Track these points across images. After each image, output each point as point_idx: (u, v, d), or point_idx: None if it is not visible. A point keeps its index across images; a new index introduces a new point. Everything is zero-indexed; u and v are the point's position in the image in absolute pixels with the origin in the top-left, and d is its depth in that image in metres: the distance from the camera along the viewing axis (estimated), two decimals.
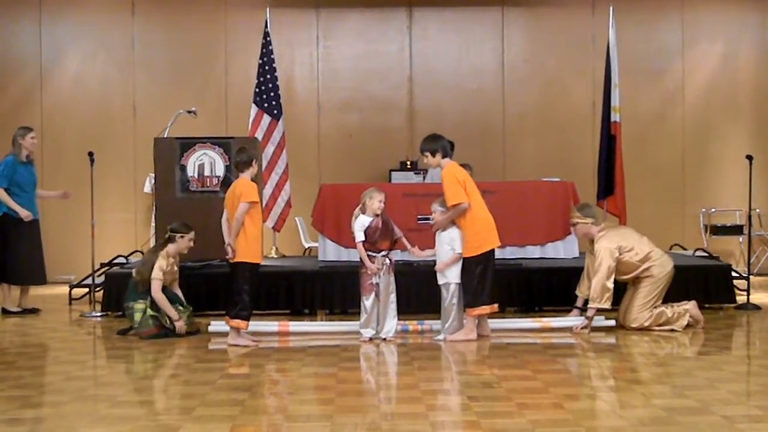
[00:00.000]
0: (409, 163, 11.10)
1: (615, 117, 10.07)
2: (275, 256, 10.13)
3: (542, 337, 6.86)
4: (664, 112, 11.81)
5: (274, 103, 10.14)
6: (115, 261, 9.60)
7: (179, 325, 6.90)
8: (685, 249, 10.60)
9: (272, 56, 10.24)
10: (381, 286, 6.65)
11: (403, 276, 7.13)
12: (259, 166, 7.94)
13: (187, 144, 8.53)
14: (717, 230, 11.49)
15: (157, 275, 6.93)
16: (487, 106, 11.77)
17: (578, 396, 4.93)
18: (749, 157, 8.72)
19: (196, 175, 8.46)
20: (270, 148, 10.03)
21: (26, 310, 8.38)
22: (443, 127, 10.19)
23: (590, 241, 7.26)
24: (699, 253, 9.79)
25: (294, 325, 7.23)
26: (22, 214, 8.24)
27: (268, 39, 10.29)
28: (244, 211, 6.38)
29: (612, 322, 7.15)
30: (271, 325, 7.17)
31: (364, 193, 6.71)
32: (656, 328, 7.00)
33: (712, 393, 4.82)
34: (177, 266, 7.22)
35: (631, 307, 7.08)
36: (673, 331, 6.97)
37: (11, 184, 8.31)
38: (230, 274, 6.61)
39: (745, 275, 8.89)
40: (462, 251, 6.64)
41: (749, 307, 8.23)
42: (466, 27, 11.86)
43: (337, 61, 11.78)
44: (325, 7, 11.77)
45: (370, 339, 6.64)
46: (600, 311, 7.00)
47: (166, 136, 9.20)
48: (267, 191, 9.92)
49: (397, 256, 6.87)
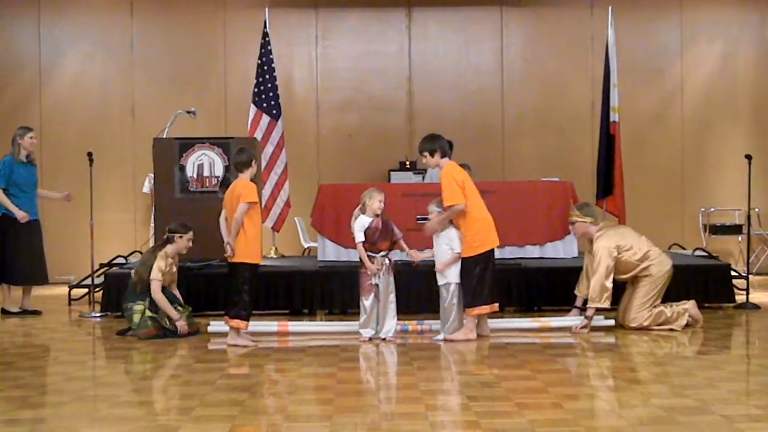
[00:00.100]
0: (408, 163, 11.10)
1: (614, 117, 10.06)
2: (274, 256, 10.13)
3: (542, 337, 6.87)
4: (663, 112, 11.81)
5: (273, 103, 10.13)
6: (115, 261, 9.60)
7: (180, 325, 6.90)
8: (684, 248, 10.60)
9: (271, 56, 10.23)
10: (380, 287, 6.64)
11: (403, 276, 7.13)
12: (259, 166, 7.93)
13: (186, 144, 8.53)
14: (716, 230, 11.48)
15: (156, 276, 6.93)
16: (486, 106, 11.78)
17: (578, 396, 4.93)
18: (748, 157, 8.73)
19: (196, 176, 8.47)
20: (269, 148, 10.03)
21: (27, 312, 8.37)
22: (442, 127, 10.18)
23: (589, 240, 7.26)
24: (698, 253, 9.79)
25: (293, 325, 7.23)
26: (18, 215, 8.23)
27: (267, 39, 10.29)
28: (243, 212, 6.38)
29: (611, 322, 7.15)
30: (271, 325, 7.17)
31: (364, 194, 6.70)
32: (655, 328, 7.00)
33: (712, 392, 4.82)
34: (176, 267, 7.23)
35: (630, 307, 7.09)
36: (672, 330, 6.98)
37: (10, 184, 8.31)
38: (230, 274, 6.61)
39: (745, 275, 8.90)
40: (461, 251, 6.65)
41: (748, 307, 8.23)
42: (465, 27, 11.86)
43: (336, 61, 11.78)
44: (324, 7, 11.77)
45: (370, 339, 6.64)
46: (599, 311, 7.00)
47: (165, 137, 9.21)
48: (266, 191, 9.92)
49: (397, 256, 6.87)
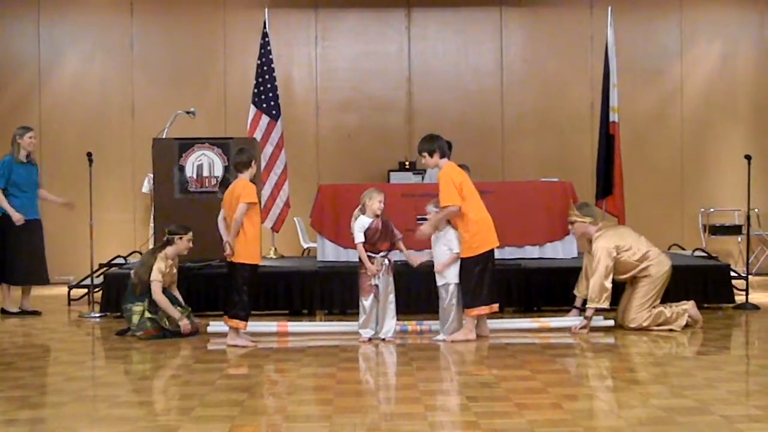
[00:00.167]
0: (407, 163, 11.10)
1: (613, 117, 10.06)
2: (274, 257, 10.13)
3: (541, 337, 6.87)
4: (662, 112, 11.81)
5: (272, 103, 10.12)
6: (114, 261, 9.61)
7: (184, 324, 6.90)
8: (683, 249, 10.60)
9: (271, 56, 10.22)
10: (380, 287, 6.64)
11: (402, 276, 7.13)
12: (258, 166, 7.93)
13: (186, 144, 8.53)
14: (716, 230, 11.48)
15: (156, 277, 6.93)
16: (485, 106, 11.77)
17: (577, 396, 4.93)
18: (748, 157, 8.73)
19: (195, 176, 8.47)
20: (269, 149, 10.02)
21: (27, 312, 8.36)
22: (442, 128, 10.18)
23: (588, 240, 7.26)
24: (698, 253, 9.80)
25: (293, 326, 7.23)
26: (14, 217, 8.22)
27: (267, 39, 10.28)
28: (242, 212, 6.38)
29: (611, 322, 7.15)
30: (270, 326, 7.17)
31: (364, 194, 6.70)
32: (655, 328, 7.00)
33: (711, 393, 4.82)
34: (176, 268, 7.23)
35: (629, 307, 7.09)
36: (671, 331, 6.98)
37: (9, 183, 8.31)
38: (229, 274, 6.61)
39: (744, 275, 8.90)
40: (460, 251, 6.64)
41: (748, 307, 8.23)
42: (464, 27, 11.86)
43: (335, 62, 11.78)
44: (324, 7, 11.77)
45: (369, 339, 6.64)
46: (598, 311, 7.00)
47: (164, 137, 9.21)
48: (266, 192, 9.92)
49: (396, 256, 6.87)
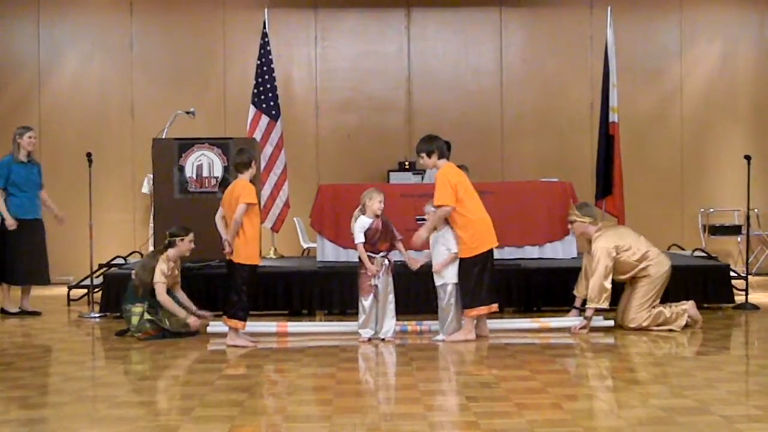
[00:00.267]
0: (407, 163, 11.09)
1: (613, 117, 10.06)
2: (274, 257, 10.13)
3: (541, 338, 6.86)
4: (662, 112, 11.81)
5: (272, 103, 10.12)
6: (114, 262, 9.61)
7: (192, 321, 6.91)
8: (683, 249, 10.60)
9: (270, 57, 10.22)
10: (380, 287, 6.64)
11: (402, 277, 7.12)
12: (258, 167, 7.93)
13: (186, 144, 8.52)
14: (715, 230, 11.47)
15: (160, 279, 6.92)
16: (485, 106, 11.77)
17: (577, 396, 4.93)
18: (747, 157, 8.72)
19: (195, 176, 8.46)
20: (268, 149, 10.02)
21: (26, 312, 8.36)
22: (442, 128, 10.19)
23: (588, 240, 7.26)
24: (697, 254, 9.80)
25: (293, 326, 7.23)
26: (8, 222, 8.22)
27: (267, 39, 10.28)
28: (242, 212, 6.38)
29: (610, 323, 7.15)
30: (270, 326, 7.16)
31: (364, 194, 6.70)
32: (654, 328, 7.00)
33: (711, 393, 4.82)
34: (178, 270, 7.20)
35: (629, 307, 7.09)
36: (671, 331, 6.97)
37: (9, 183, 8.32)
38: (228, 273, 6.61)
39: (744, 275, 8.90)
40: (458, 251, 6.64)
41: (748, 307, 8.23)
42: (464, 27, 11.86)
43: (335, 62, 11.78)
44: (324, 7, 11.77)
45: (369, 339, 6.64)
46: (598, 311, 7.00)
47: (164, 137, 9.21)
48: (265, 192, 9.92)
49: (396, 257, 6.87)
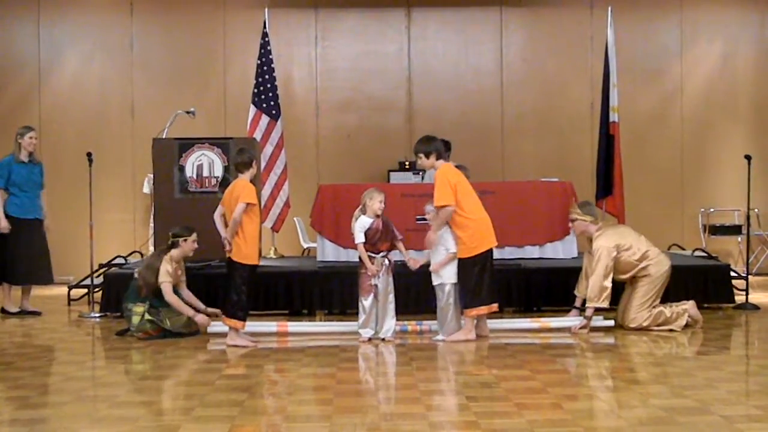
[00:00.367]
0: (407, 163, 11.08)
1: (613, 117, 10.06)
2: (274, 257, 10.13)
3: (541, 338, 6.86)
4: (662, 112, 11.80)
5: (272, 103, 10.12)
6: (114, 261, 9.61)
7: (200, 319, 6.91)
8: (683, 249, 10.60)
9: (271, 56, 10.23)
10: (380, 287, 6.64)
11: (402, 276, 7.12)
12: (258, 167, 7.93)
13: (186, 144, 8.52)
14: (716, 230, 11.47)
15: (165, 278, 6.90)
16: (485, 106, 11.77)
17: (577, 396, 4.93)
18: (748, 157, 8.72)
19: (195, 176, 8.46)
20: (268, 149, 10.02)
21: (26, 312, 8.36)
22: (442, 128, 10.21)
23: (588, 239, 7.26)
24: (698, 253, 9.80)
25: (293, 326, 7.23)
26: (2, 224, 8.22)
27: (267, 39, 10.28)
28: (241, 211, 6.38)
29: (611, 322, 7.15)
30: (270, 326, 7.16)
31: (365, 194, 6.69)
32: (655, 328, 7.00)
33: (711, 393, 4.82)
34: (182, 270, 7.18)
35: (629, 307, 7.08)
36: (671, 331, 6.97)
37: (9, 183, 8.32)
38: (228, 273, 6.61)
39: (744, 275, 8.90)
40: (456, 251, 6.64)
41: (748, 307, 8.23)
42: (464, 27, 11.86)
43: (335, 61, 11.78)
44: (324, 7, 11.77)
45: (369, 339, 6.64)
46: (598, 310, 7.00)
47: (164, 137, 9.21)
48: (266, 192, 9.92)
49: (397, 256, 6.86)
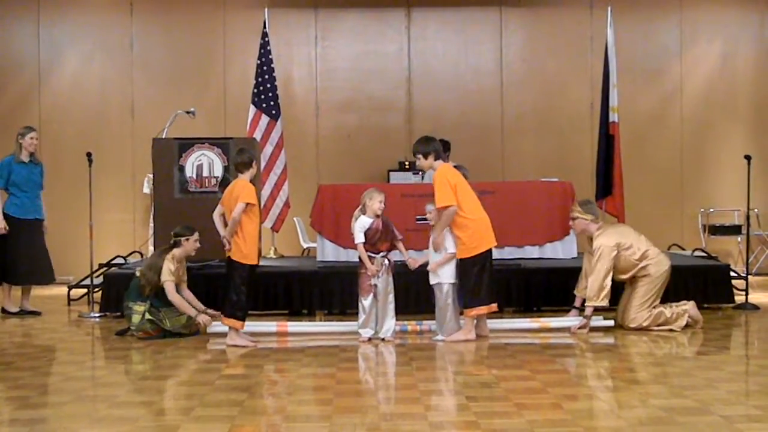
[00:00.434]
0: (407, 163, 11.08)
1: (613, 117, 10.06)
2: (274, 257, 10.13)
3: (541, 338, 6.86)
4: (662, 112, 11.80)
5: (272, 103, 10.12)
6: (114, 261, 9.60)
7: (203, 319, 6.90)
8: (683, 249, 10.61)
9: (270, 56, 10.23)
10: (379, 287, 6.64)
11: (402, 276, 7.13)
12: (258, 167, 7.93)
13: (186, 144, 8.52)
14: (715, 230, 11.47)
15: (168, 277, 6.90)
16: (485, 106, 11.77)
17: (577, 396, 4.93)
18: (747, 157, 8.72)
19: (195, 176, 8.46)
20: (268, 149, 10.02)
21: (26, 312, 8.36)
22: (442, 128, 10.22)
23: (589, 238, 7.26)
24: (697, 253, 9.80)
25: (292, 326, 7.23)
26: (0, 224, 8.23)
27: (267, 39, 10.28)
28: (240, 211, 6.38)
29: (610, 323, 7.15)
30: (270, 326, 7.16)
31: (365, 194, 6.69)
32: (655, 328, 7.00)
33: (711, 393, 4.82)
34: (183, 269, 7.17)
35: (629, 307, 7.08)
36: (671, 331, 6.97)
37: (9, 183, 8.33)
38: (227, 273, 6.61)
39: (744, 275, 8.90)
40: (455, 251, 6.64)
41: (748, 307, 8.23)
42: (464, 27, 11.86)
43: (335, 62, 11.78)
44: (324, 7, 11.77)
45: (369, 339, 6.64)
46: (598, 310, 7.00)
47: (164, 137, 9.21)
48: (265, 192, 9.92)
49: (396, 256, 6.87)
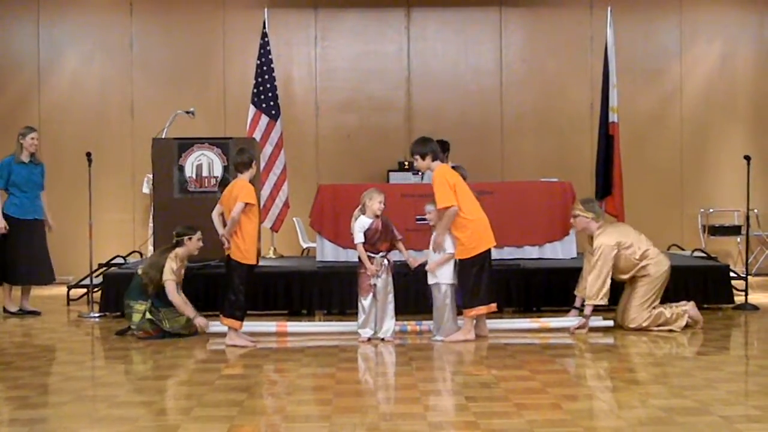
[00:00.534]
0: (407, 163, 11.07)
1: (613, 117, 10.06)
2: (273, 257, 10.12)
3: (540, 338, 6.86)
4: (662, 113, 11.80)
5: (272, 103, 10.12)
6: (113, 261, 9.60)
7: (199, 322, 6.89)
8: (683, 249, 10.61)
9: (270, 56, 10.22)
10: (379, 287, 6.64)
11: (402, 276, 7.13)
12: (258, 167, 7.93)
13: (185, 144, 8.52)
14: (715, 231, 11.47)
15: (170, 276, 6.89)
16: (485, 106, 11.77)
17: (576, 396, 4.93)
18: (747, 158, 8.72)
19: (194, 176, 8.46)
20: (268, 149, 10.02)
21: (26, 312, 8.36)
22: (441, 128, 10.22)
23: (589, 237, 7.26)
24: (697, 254, 9.80)
25: (292, 326, 7.23)
26: (0, 225, 8.23)
27: (266, 39, 10.28)
28: (239, 210, 6.38)
29: (610, 323, 7.15)
30: (269, 326, 7.16)
31: (364, 194, 6.70)
32: (654, 329, 7.00)
33: (711, 393, 4.82)
34: (183, 270, 7.18)
35: (629, 307, 7.08)
36: (671, 331, 6.98)
37: (9, 184, 8.33)
38: (226, 273, 6.61)
39: (744, 276, 8.90)
40: (454, 251, 6.64)
41: (747, 308, 8.23)
42: (464, 27, 11.85)
43: (335, 62, 11.78)
44: (324, 7, 11.77)
45: (369, 339, 6.64)
46: (597, 309, 7.00)
47: (164, 137, 9.22)
48: (265, 192, 9.91)
49: (396, 256, 6.87)
